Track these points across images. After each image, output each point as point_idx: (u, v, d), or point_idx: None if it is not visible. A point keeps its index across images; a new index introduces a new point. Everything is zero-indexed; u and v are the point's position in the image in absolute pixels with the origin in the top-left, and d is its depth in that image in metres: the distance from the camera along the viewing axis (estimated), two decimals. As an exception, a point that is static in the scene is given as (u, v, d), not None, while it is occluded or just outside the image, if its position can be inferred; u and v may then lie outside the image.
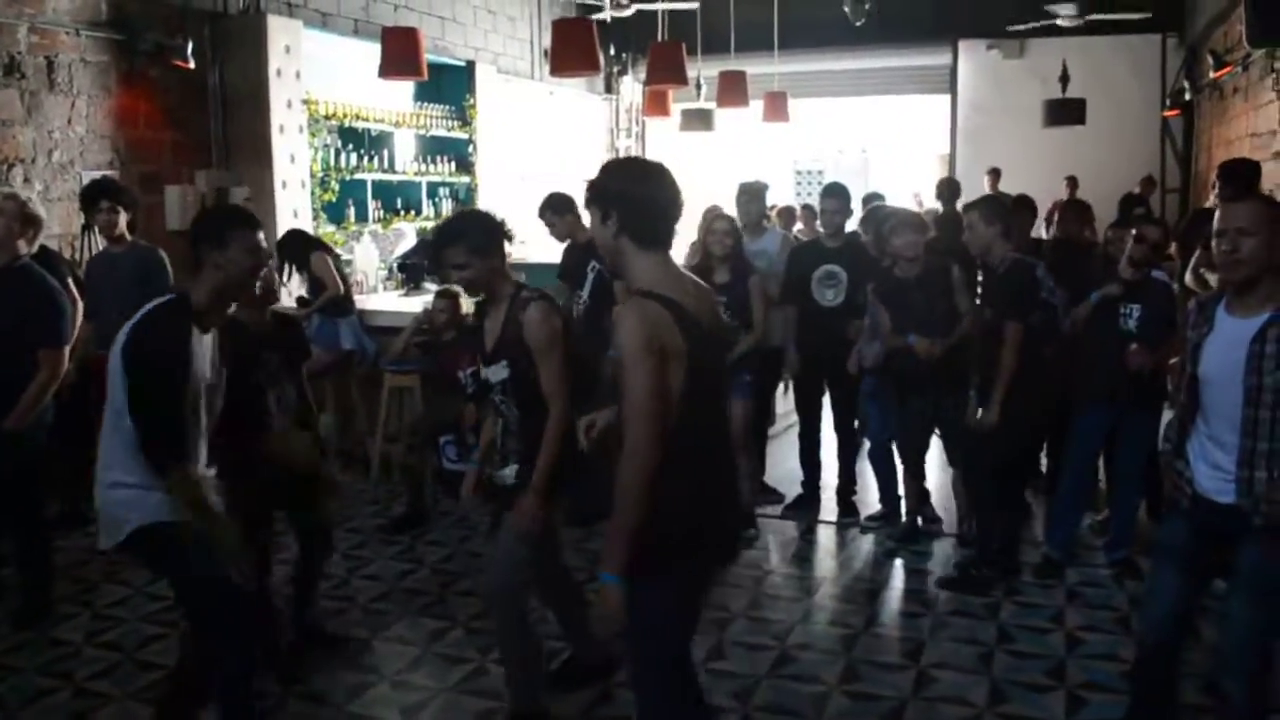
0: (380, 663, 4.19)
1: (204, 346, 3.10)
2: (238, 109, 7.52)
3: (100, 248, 5.86)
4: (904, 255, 5.04)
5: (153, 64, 7.04)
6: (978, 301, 5.07)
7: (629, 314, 2.50)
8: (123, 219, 5.47)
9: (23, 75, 6.31)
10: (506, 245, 3.47)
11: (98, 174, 6.42)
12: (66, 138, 6.59)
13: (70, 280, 4.99)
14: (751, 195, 6.04)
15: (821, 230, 5.94)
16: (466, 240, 3.39)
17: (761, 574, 5.13)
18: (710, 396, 2.65)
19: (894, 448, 5.50)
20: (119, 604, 4.79)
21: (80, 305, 5.47)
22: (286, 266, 6.33)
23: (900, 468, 5.53)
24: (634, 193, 2.57)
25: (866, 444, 5.79)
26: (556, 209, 5.77)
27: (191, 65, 7.03)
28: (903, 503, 5.56)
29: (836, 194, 5.70)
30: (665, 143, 13.73)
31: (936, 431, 5.33)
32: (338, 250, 7.16)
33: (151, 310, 3.02)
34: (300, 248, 6.37)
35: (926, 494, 5.64)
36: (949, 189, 8.71)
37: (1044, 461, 5.87)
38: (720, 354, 2.86)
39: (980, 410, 4.78)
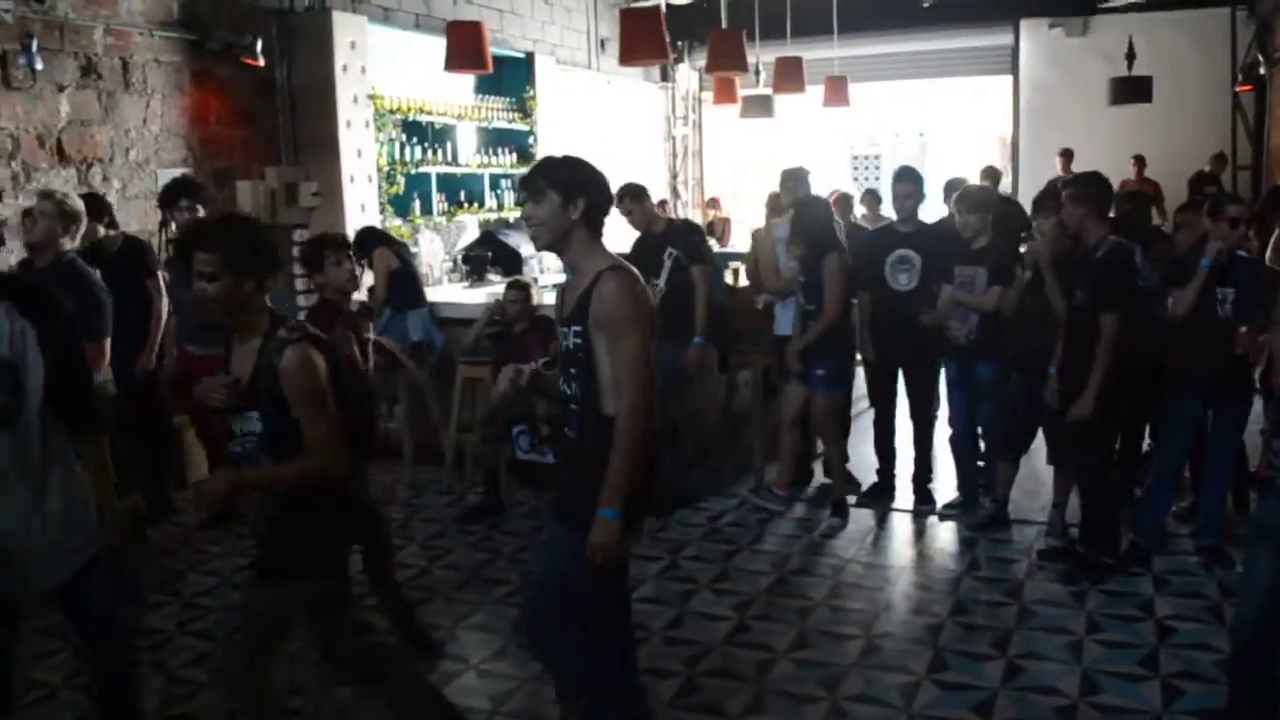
0: (466, 651, 4.22)
1: None
2: (305, 105, 7.60)
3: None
4: (964, 233, 5.19)
5: (223, 62, 7.14)
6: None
7: (616, 285, 2.79)
8: (201, 216, 5.53)
9: (100, 76, 6.42)
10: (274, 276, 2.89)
11: (173, 172, 6.52)
12: (142, 136, 6.70)
13: (160, 272, 5.10)
14: (796, 181, 6.01)
15: (894, 215, 5.87)
16: (224, 250, 2.77)
17: (841, 563, 5.09)
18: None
19: (976, 434, 5.45)
20: (207, 593, 4.87)
21: (165, 298, 5.60)
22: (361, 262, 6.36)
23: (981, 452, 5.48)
24: (596, 183, 2.91)
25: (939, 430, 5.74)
26: (636, 197, 5.75)
27: (261, 63, 7.11)
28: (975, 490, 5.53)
29: (909, 178, 5.63)
30: (722, 129, 13.67)
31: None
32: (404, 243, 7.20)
33: None
34: (369, 244, 6.40)
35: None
36: (989, 176, 8.82)
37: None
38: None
39: (1051, 393, 4.74)
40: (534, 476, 5.42)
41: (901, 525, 5.68)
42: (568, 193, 2.84)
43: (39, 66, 5.96)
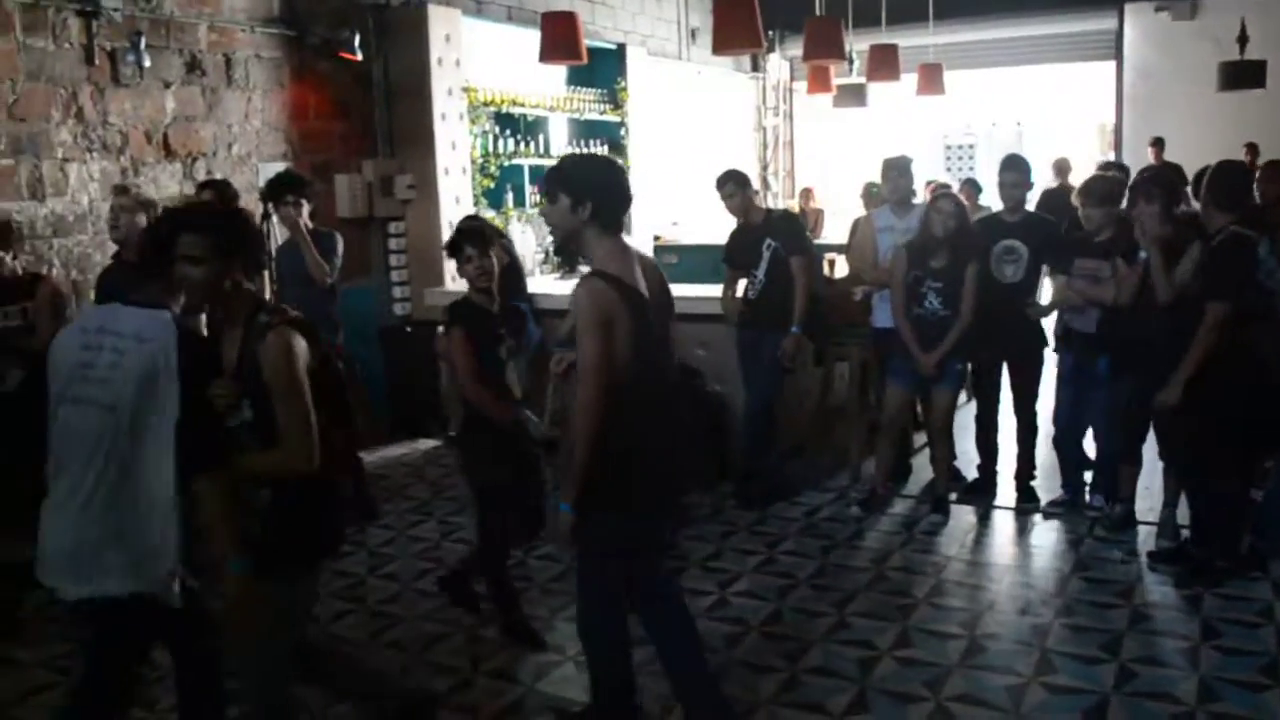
0: (562, 642, 4.22)
1: None
2: (401, 98, 7.68)
3: (278, 236, 6.07)
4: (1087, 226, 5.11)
5: (321, 57, 7.25)
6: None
7: (582, 293, 2.93)
8: (305, 210, 5.62)
9: (203, 73, 6.56)
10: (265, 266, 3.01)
11: (274, 166, 6.64)
12: (244, 131, 6.83)
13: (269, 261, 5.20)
14: (899, 170, 5.86)
15: (1000, 205, 5.72)
16: (212, 234, 2.74)
17: (942, 560, 4.98)
18: (652, 358, 3.07)
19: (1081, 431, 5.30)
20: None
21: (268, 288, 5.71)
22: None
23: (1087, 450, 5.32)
24: (606, 184, 3.03)
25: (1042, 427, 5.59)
26: (741, 182, 5.68)
27: (358, 57, 7.20)
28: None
29: (1016, 166, 5.48)
30: (813, 119, 13.50)
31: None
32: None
33: None
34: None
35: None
36: (1057, 167, 8.98)
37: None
38: (663, 317, 3.27)
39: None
40: None
41: (1003, 523, 5.54)
42: (577, 194, 2.99)
43: (146, 63, 6.11)
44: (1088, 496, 5.41)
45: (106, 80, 6.02)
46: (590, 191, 2.99)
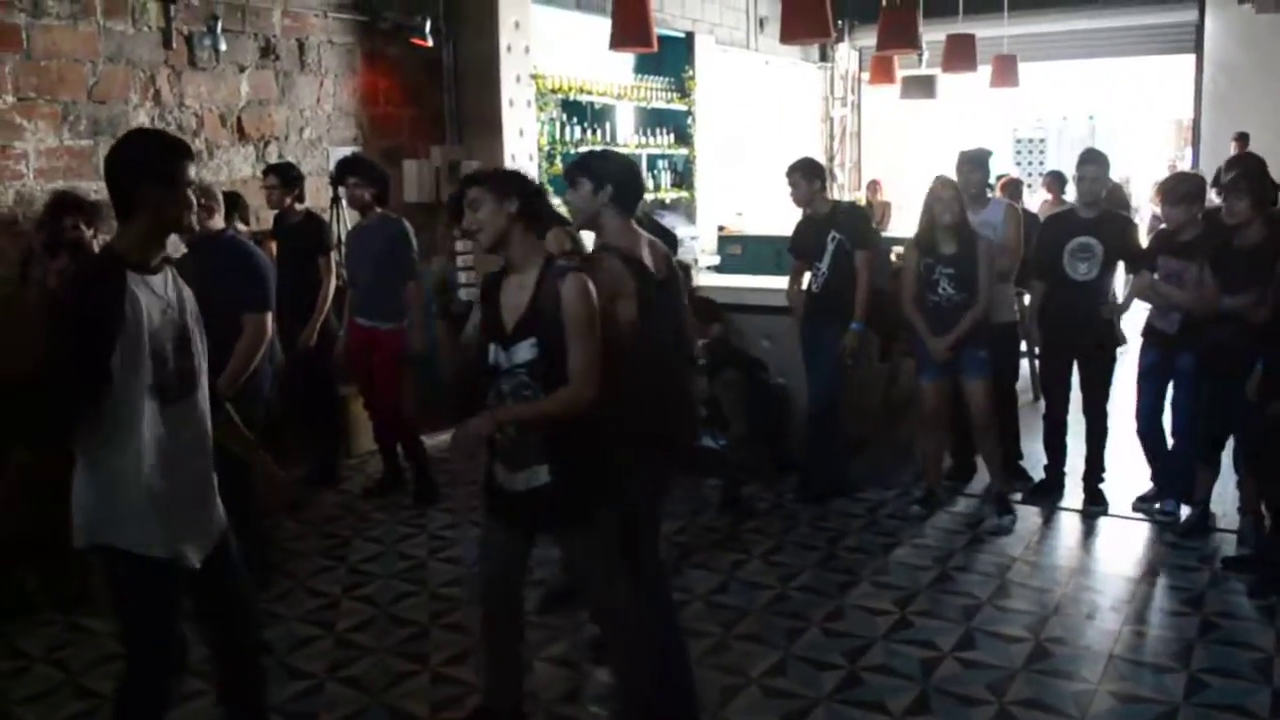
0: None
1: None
2: (470, 84, 7.71)
3: (347, 219, 6.16)
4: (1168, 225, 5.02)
5: (392, 43, 7.31)
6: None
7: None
8: (369, 194, 5.64)
9: (277, 57, 6.64)
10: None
11: (344, 150, 6.70)
12: (316, 115, 6.90)
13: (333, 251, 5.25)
14: (974, 164, 5.74)
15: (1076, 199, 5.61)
16: (490, 181, 3.04)
17: (1007, 561, 4.90)
18: (655, 328, 3.23)
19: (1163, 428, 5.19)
20: (371, 560, 5.00)
21: (334, 276, 5.79)
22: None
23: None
24: (627, 172, 3.34)
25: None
26: (808, 173, 5.62)
27: (429, 43, 7.24)
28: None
29: (1096, 160, 5.34)
30: (881, 111, 13.34)
31: None
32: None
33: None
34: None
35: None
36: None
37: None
38: (669, 298, 3.38)
39: (1252, 388, 4.44)
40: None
41: (1070, 525, 5.44)
42: (599, 180, 3.26)
43: (222, 47, 6.21)
44: (1165, 500, 5.29)
45: (183, 63, 6.12)
46: (612, 176, 3.27)
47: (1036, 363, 6.72)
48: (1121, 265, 5.48)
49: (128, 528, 2.57)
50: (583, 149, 8.43)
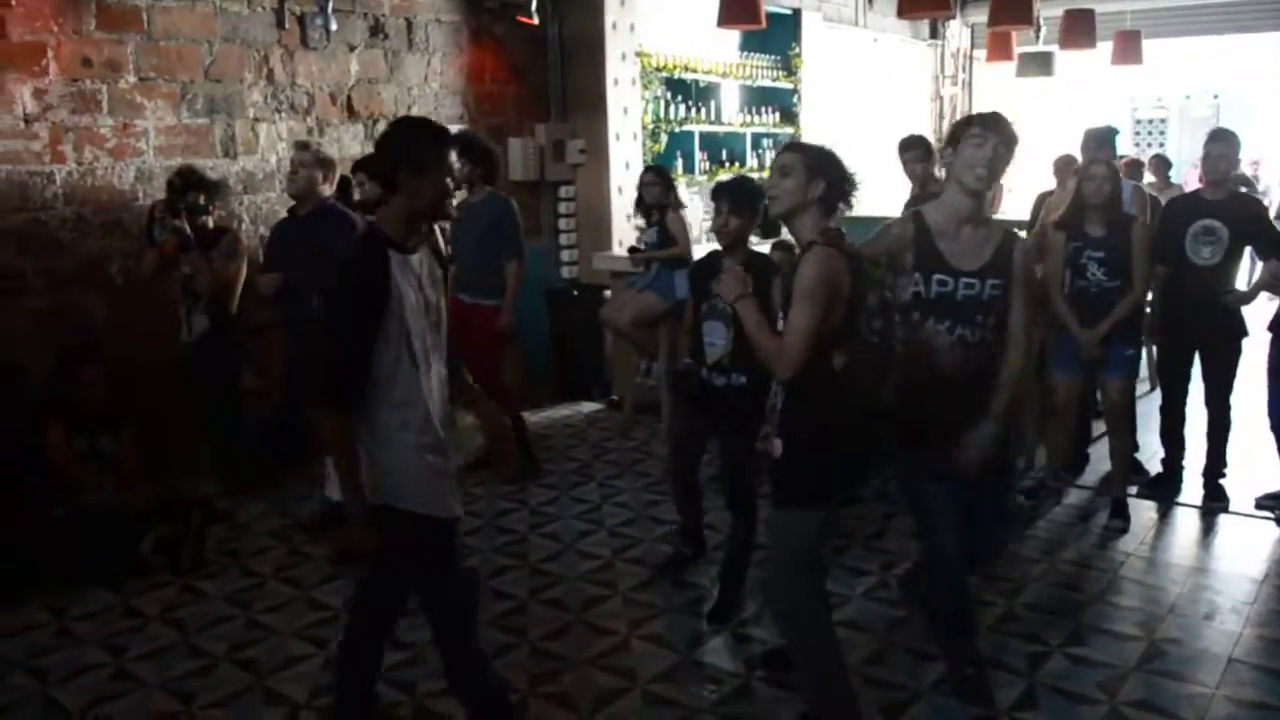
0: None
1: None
2: (575, 63, 7.71)
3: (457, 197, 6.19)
4: None
5: (499, 21, 7.34)
6: None
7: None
8: (476, 171, 5.67)
9: (386, 36, 6.73)
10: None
11: (451, 128, 6.74)
12: (423, 94, 6.98)
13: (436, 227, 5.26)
14: (1100, 142, 5.52)
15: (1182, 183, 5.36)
16: (804, 153, 3.05)
17: (1121, 557, 4.72)
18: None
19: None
20: (472, 533, 5.04)
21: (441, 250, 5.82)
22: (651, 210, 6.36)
23: None
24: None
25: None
26: (927, 150, 5.47)
27: (535, 21, 7.25)
28: None
29: (1224, 139, 5.07)
30: (994, 89, 12.95)
31: None
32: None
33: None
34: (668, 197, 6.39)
35: None
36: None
37: None
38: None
39: None
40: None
41: (1188, 521, 5.22)
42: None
43: (333, 27, 6.30)
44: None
45: (295, 43, 6.23)
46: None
47: (1154, 350, 6.46)
48: (1249, 251, 5.23)
49: (409, 488, 2.75)
50: (686, 128, 8.39)
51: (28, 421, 4.78)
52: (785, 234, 3.19)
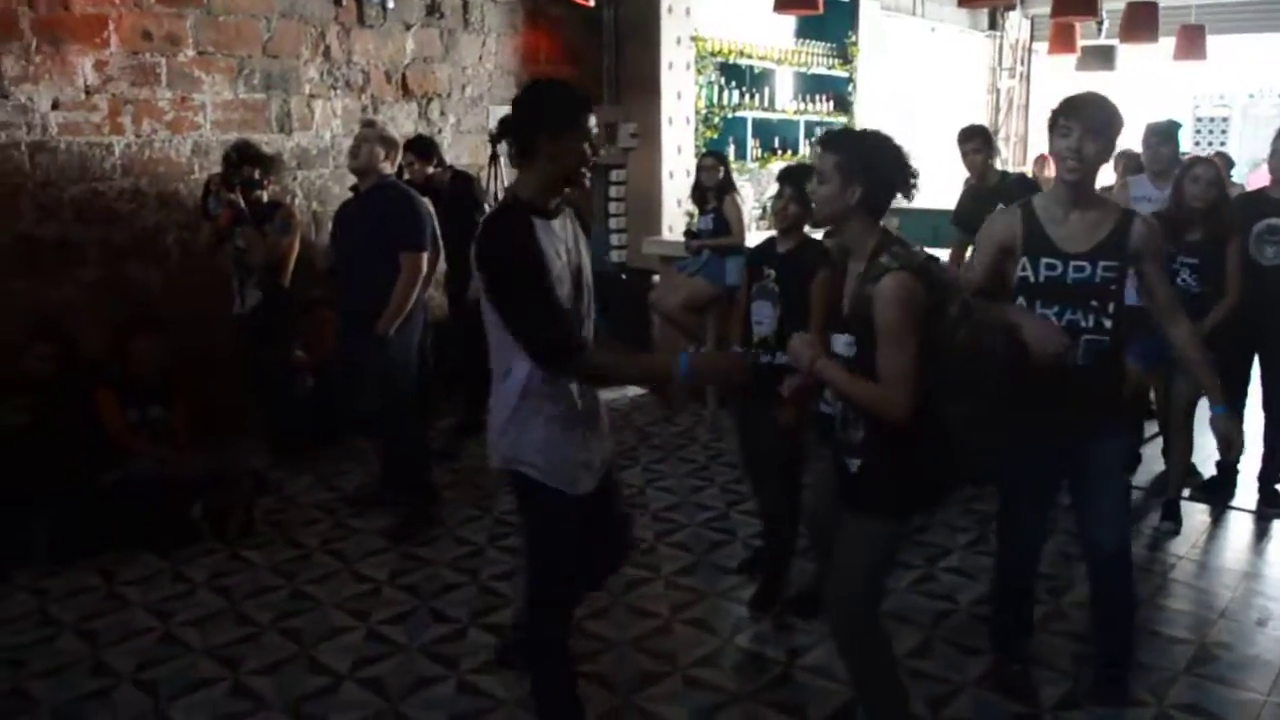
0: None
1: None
2: (630, 45, 7.70)
3: (505, 177, 6.21)
4: None
5: (554, 2, 7.33)
6: None
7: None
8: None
9: (442, 15, 6.74)
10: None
11: (505, 109, 6.73)
12: (477, 74, 6.99)
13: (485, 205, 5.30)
14: (1163, 136, 5.38)
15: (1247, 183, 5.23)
16: (843, 153, 2.67)
17: (1171, 559, 4.64)
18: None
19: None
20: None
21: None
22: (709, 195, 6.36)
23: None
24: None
25: None
26: (987, 140, 5.38)
27: (591, 3, 7.24)
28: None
29: (1295, 135, 4.96)
30: (1052, 83, 12.75)
31: None
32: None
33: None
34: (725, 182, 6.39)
35: None
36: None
37: None
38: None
39: None
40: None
41: (1241, 525, 5.12)
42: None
43: (390, 5, 6.33)
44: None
45: (352, 20, 6.26)
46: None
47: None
48: None
49: (549, 460, 2.74)
50: (739, 114, 8.34)
51: (82, 391, 4.85)
52: None
